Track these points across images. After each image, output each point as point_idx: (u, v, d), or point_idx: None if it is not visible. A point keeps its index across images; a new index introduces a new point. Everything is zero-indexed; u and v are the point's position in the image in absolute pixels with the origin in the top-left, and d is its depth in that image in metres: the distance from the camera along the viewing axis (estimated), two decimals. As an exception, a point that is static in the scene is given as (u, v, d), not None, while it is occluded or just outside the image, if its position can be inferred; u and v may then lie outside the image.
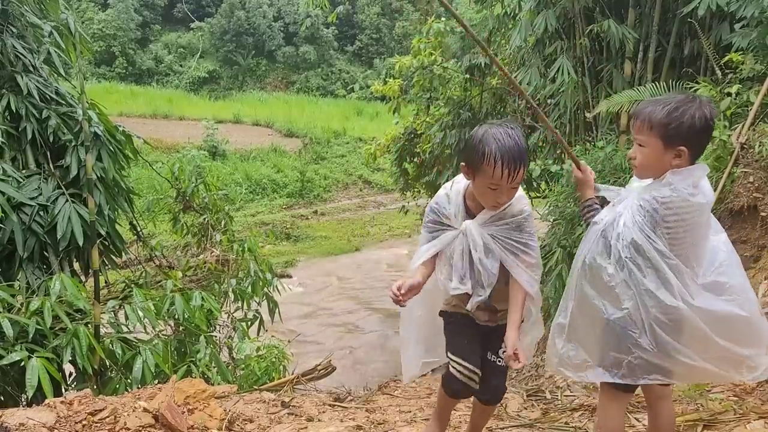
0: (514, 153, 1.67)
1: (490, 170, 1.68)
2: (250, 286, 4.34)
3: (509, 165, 1.67)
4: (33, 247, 3.39)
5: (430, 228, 1.91)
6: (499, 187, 1.72)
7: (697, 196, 1.60)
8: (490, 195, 1.75)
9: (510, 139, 1.68)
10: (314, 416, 2.65)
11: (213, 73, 29.10)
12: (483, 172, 1.71)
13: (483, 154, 1.69)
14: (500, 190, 1.73)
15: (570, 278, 1.82)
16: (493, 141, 1.68)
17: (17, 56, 3.74)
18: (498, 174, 1.68)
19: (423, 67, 7.95)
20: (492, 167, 1.68)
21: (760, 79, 3.99)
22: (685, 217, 1.60)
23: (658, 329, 1.59)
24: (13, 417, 2.17)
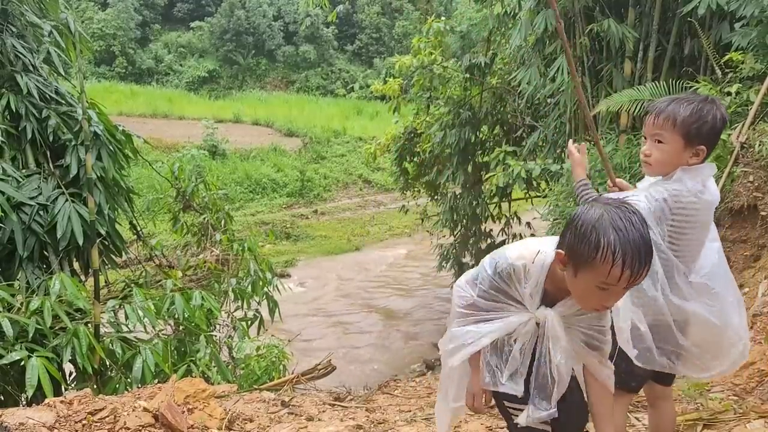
0: (641, 249, 1.27)
1: (606, 268, 1.27)
2: (250, 286, 4.34)
3: (633, 265, 1.26)
4: (33, 246, 3.39)
5: (490, 296, 1.48)
6: (612, 288, 1.30)
7: (705, 194, 1.62)
8: (596, 296, 1.33)
9: (635, 229, 1.28)
10: (314, 416, 2.65)
11: (213, 73, 29.11)
12: (593, 268, 1.28)
13: (598, 246, 1.26)
14: (611, 292, 1.31)
15: None
16: (612, 230, 1.27)
17: (17, 56, 3.74)
18: (616, 274, 1.26)
19: (423, 67, 7.95)
20: (609, 265, 1.26)
21: (760, 79, 3.99)
22: (691, 213, 1.62)
23: (632, 315, 1.64)
24: (13, 416, 2.18)
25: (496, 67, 7.85)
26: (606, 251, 1.26)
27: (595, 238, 1.27)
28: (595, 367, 1.49)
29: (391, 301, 9.88)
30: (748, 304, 3.36)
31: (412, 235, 14.11)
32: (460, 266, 9.03)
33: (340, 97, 28.97)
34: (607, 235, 1.26)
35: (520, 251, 1.45)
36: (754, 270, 3.49)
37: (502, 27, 7.26)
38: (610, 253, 1.25)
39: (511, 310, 1.46)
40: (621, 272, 1.25)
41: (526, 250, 1.45)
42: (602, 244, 1.26)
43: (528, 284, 1.43)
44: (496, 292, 1.47)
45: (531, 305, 1.44)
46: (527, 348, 1.46)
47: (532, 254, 1.43)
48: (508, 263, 1.45)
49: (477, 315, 1.50)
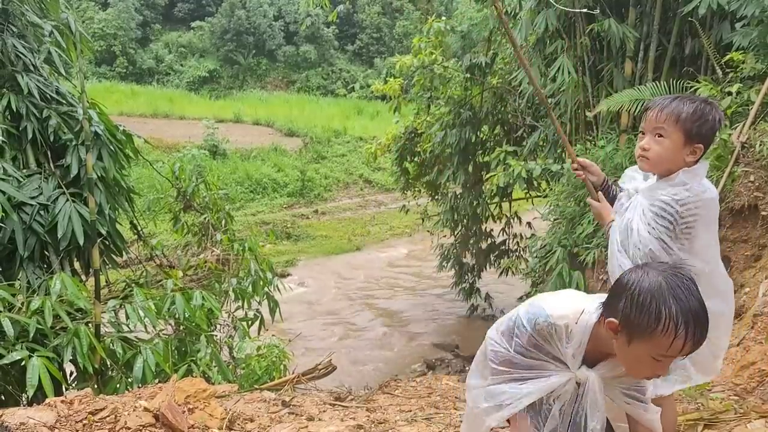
0: (701, 318, 1.21)
1: (668, 341, 1.20)
2: (251, 286, 4.34)
3: (695, 336, 1.19)
4: (33, 246, 3.39)
5: (529, 353, 1.40)
6: (667, 359, 1.24)
7: (707, 192, 1.66)
8: (650, 365, 1.26)
9: (694, 298, 1.21)
10: (315, 415, 2.65)
11: (213, 73, 29.12)
12: (653, 339, 1.21)
13: (659, 318, 1.19)
14: (665, 363, 1.25)
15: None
16: (673, 300, 1.20)
17: (18, 56, 3.74)
18: (678, 346, 1.20)
19: (423, 67, 7.95)
20: (672, 338, 1.19)
21: (760, 78, 3.99)
22: (701, 213, 1.66)
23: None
24: (13, 416, 2.18)
25: (496, 67, 7.84)
26: (668, 323, 1.19)
27: (656, 309, 1.20)
28: (640, 416, 1.44)
29: (391, 301, 9.88)
30: (749, 304, 3.35)
31: (413, 235, 14.10)
32: (460, 266, 9.03)
33: (340, 97, 28.98)
34: (669, 306, 1.19)
35: (563, 310, 1.37)
36: (754, 270, 3.49)
37: (502, 27, 7.25)
38: (673, 324, 1.19)
39: (551, 369, 1.40)
40: (683, 344, 1.20)
41: (569, 309, 1.37)
42: (664, 316, 1.19)
43: (570, 345, 1.36)
44: (534, 349, 1.39)
45: (573, 365, 1.38)
46: (566, 409, 1.41)
47: (575, 314, 1.36)
48: (549, 322, 1.36)
49: (514, 372, 1.42)
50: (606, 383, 1.40)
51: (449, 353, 7.47)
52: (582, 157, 2.10)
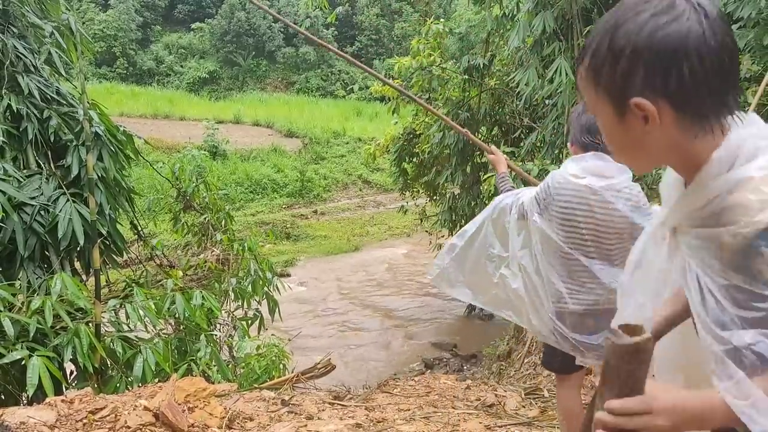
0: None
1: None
2: (251, 285, 4.35)
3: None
4: (34, 246, 3.41)
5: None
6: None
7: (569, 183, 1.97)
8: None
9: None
10: (314, 414, 2.66)
11: (213, 74, 29.13)
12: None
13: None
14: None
15: (482, 213, 2.14)
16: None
17: (18, 56, 3.76)
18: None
19: (422, 68, 7.97)
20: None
21: (757, 80, 4.01)
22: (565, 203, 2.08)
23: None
24: (14, 416, 2.19)
25: (494, 69, 7.87)
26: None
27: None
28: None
29: (390, 300, 9.90)
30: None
31: (411, 235, 14.11)
32: (459, 266, 9.02)
33: (339, 98, 28.99)
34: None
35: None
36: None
37: (500, 29, 7.28)
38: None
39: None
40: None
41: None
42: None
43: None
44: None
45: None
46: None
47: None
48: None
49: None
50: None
51: (447, 352, 7.49)
52: (499, 155, 2.51)
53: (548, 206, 1.92)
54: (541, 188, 1.98)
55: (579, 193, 1.88)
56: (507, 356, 5.14)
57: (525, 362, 4.52)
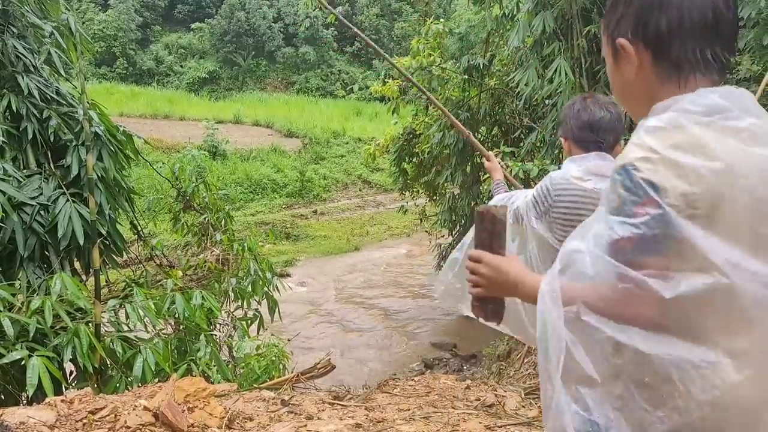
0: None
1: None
2: (250, 286, 4.35)
3: None
4: (34, 246, 3.41)
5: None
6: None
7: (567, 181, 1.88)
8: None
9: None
10: (314, 414, 2.66)
11: (213, 74, 29.12)
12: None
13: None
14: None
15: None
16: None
17: (18, 56, 3.76)
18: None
19: (422, 68, 7.97)
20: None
21: (756, 80, 4.01)
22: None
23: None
24: (13, 416, 2.19)
25: (494, 69, 7.87)
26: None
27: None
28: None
29: (390, 300, 9.90)
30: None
31: (411, 235, 14.11)
32: (459, 267, 9.02)
33: (339, 98, 28.99)
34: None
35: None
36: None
37: (500, 29, 7.28)
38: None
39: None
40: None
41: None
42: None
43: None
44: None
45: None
46: None
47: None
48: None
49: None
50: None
51: (447, 353, 7.49)
52: (494, 163, 2.52)
53: (548, 210, 1.83)
54: (538, 191, 1.88)
55: (584, 196, 1.77)
56: (507, 356, 5.14)
57: (525, 362, 4.53)
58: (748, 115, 0.81)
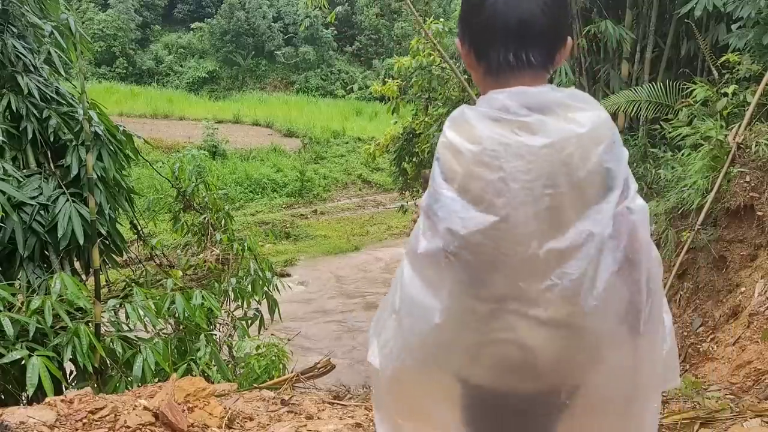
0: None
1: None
2: (250, 285, 4.35)
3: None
4: (33, 246, 3.40)
5: None
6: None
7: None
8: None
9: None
10: (314, 414, 2.66)
11: (213, 74, 29.10)
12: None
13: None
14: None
15: None
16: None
17: (18, 56, 3.75)
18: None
19: (422, 68, 7.97)
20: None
21: (756, 79, 4.01)
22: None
23: None
24: (13, 415, 2.19)
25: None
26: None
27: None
28: None
29: (390, 301, 9.89)
30: (745, 303, 3.37)
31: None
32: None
33: (339, 98, 28.99)
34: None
35: None
36: (750, 269, 3.51)
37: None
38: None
39: None
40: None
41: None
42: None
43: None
44: None
45: None
46: None
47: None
48: None
49: None
50: None
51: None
52: None
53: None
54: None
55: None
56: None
57: None
58: (530, 111, 0.94)
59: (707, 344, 3.46)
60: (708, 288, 3.72)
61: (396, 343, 1.05)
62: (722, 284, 3.64)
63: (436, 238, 0.99)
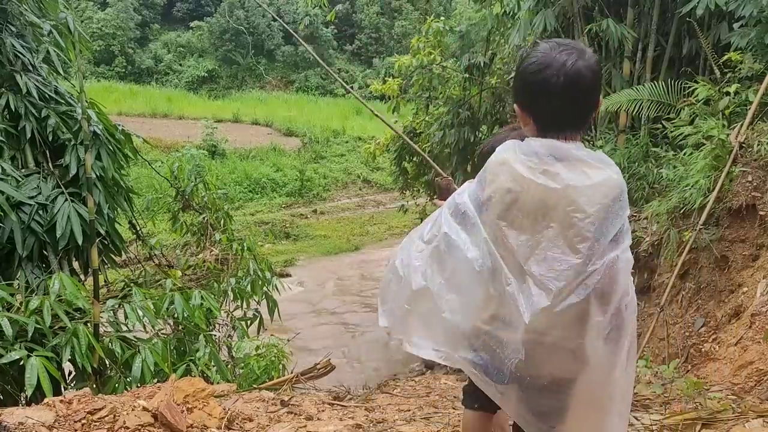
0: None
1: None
2: (250, 285, 4.34)
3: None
4: (32, 246, 3.39)
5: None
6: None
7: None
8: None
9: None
10: (313, 415, 2.65)
11: (212, 73, 29.08)
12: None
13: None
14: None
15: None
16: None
17: (16, 55, 3.74)
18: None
19: (422, 67, 7.96)
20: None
21: (758, 78, 4.00)
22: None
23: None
24: (12, 416, 2.17)
25: (495, 67, 7.86)
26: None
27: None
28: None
29: (390, 300, 9.88)
30: (747, 303, 3.36)
31: (412, 234, 14.10)
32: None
33: (339, 97, 28.97)
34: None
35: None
36: (752, 269, 3.49)
37: (501, 27, 7.27)
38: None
39: None
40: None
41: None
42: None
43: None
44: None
45: None
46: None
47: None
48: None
49: None
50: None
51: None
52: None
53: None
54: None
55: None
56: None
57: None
58: (554, 160, 1.26)
59: (709, 344, 3.44)
60: (710, 288, 3.71)
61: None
62: (724, 284, 3.63)
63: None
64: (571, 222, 1.22)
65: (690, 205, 3.77)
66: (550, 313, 1.21)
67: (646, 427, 2.41)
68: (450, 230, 1.35)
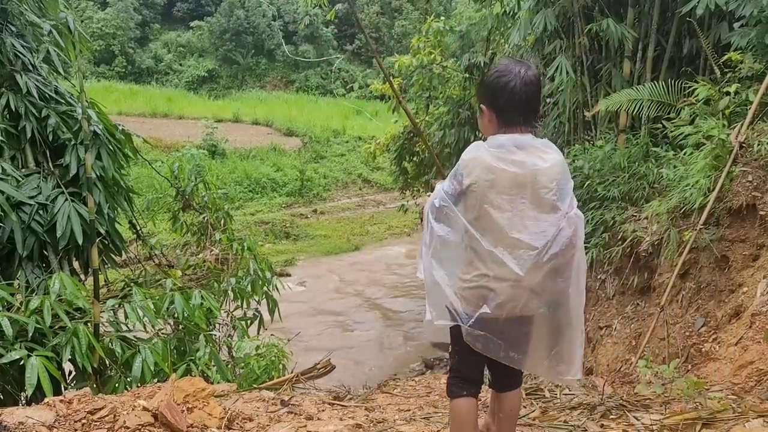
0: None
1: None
2: (250, 285, 4.34)
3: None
4: (32, 246, 3.39)
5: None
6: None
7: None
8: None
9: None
10: (313, 415, 2.65)
11: (212, 72, 29.09)
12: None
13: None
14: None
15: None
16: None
17: (16, 55, 3.74)
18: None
19: (422, 66, 7.96)
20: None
21: (758, 78, 3.99)
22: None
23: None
24: (12, 416, 2.17)
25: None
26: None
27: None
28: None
29: (390, 300, 9.89)
30: (747, 303, 3.36)
31: (412, 234, 14.12)
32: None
33: (339, 97, 28.98)
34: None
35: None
36: (752, 269, 3.49)
37: (501, 27, 7.26)
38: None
39: None
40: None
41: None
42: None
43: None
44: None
45: None
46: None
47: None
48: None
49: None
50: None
51: (448, 353, 7.48)
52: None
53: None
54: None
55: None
56: (507, 356, 5.10)
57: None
58: (516, 149, 1.71)
59: (709, 344, 3.44)
60: (710, 288, 3.70)
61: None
62: (724, 284, 3.62)
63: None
64: (540, 195, 1.69)
65: (690, 204, 3.77)
66: (539, 263, 1.67)
67: (646, 427, 2.40)
68: (440, 231, 1.81)
